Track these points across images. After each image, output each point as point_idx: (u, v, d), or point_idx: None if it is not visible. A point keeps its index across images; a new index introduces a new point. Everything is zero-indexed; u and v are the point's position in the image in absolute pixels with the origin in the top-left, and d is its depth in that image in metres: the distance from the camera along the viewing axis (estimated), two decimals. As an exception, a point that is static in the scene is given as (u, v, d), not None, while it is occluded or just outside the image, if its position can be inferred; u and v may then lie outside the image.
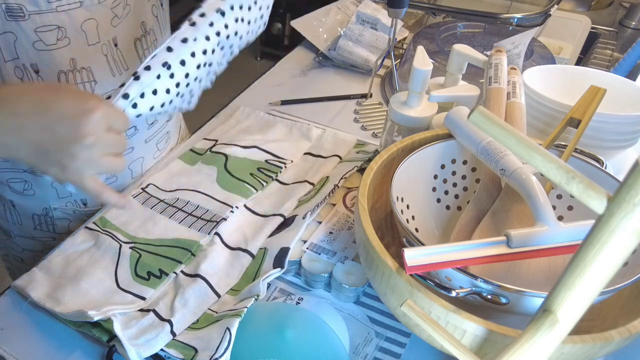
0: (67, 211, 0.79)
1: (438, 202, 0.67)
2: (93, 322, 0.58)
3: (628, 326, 0.47)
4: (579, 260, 0.35)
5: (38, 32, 0.62)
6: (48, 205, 0.78)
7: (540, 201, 0.53)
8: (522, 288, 0.47)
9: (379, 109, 0.99)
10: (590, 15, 1.35)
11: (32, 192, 0.76)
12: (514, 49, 0.84)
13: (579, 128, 0.62)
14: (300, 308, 0.62)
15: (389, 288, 0.51)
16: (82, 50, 0.66)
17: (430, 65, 0.71)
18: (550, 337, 0.39)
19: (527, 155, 0.35)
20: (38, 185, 0.76)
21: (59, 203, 0.78)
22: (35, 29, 0.61)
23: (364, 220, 0.55)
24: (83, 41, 0.65)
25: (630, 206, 0.31)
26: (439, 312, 0.47)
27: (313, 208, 0.72)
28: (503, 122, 0.37)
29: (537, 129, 0.78)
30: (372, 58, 1.07)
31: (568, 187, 0.34)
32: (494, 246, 0.49)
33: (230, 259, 0.68)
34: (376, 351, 0.59)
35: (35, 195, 0.77)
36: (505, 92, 0.69)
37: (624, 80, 0.81)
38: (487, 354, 0.47)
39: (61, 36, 0.63)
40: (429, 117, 0.74)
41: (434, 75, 0.80)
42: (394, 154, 0.65)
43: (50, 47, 0.63)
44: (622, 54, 1.11)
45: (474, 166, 0.67)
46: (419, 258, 0.47)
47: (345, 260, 0.66)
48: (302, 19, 1.16)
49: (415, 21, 1.30)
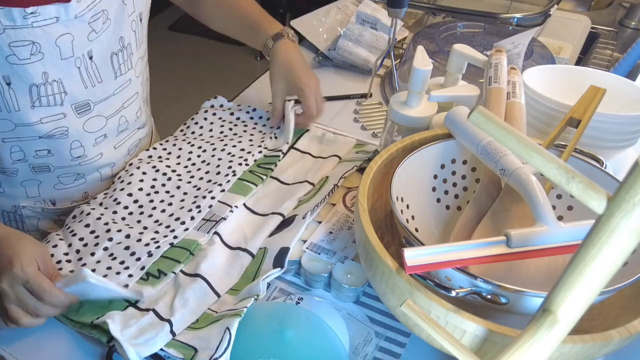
0: (35, 209, 0.80)
1: (438, 202, 0.67)
2: (93, 324, 0.59)
3: (628, 326, 0.47)
4: (579, 260, 0.35)
5: (12, 46, 0.61)
6: (17, 203, 0.79)
7: (540, 201, 0.53)
8: (522, 288, 0.47)
9: (379, 109, 0.99)
10: (590, 15, 1.35)
11: (1, 189, 0.77)
12: (514, 49, 0.84)
13: (578, 128, 0.62)
14: (300, 308, 0.62)
15: (389, 288, 0.51)
16: (55, 63, 0.66)
17: (430, 65, 0.71)
18: (550, 337, 0.39)
19: (527, 155, 0.35)
20: (7, 183, 0.76)
21: (27, 202, 0.79)
22: (9, 43, 0.61)
23: (363, 220, 0.55)
24: (57, 55, 0.65)
25: (630, 206, 0.31)
26: (438, 312, 0.47)
27: (313, 208, 0.72)
28: (503, 122, 0.37)
29: (537, 129, 0.78)
30: (372, 58, 1.07)
31: (568, 187, 0.34)
32: (494, 246, 0.49)
33: (230, 258, 0.68)
34: (376, 351, 0.59)
35: (4, 193, 0.78)
36: (505, 92, 0.69)
37: (624, 80, 0.81)
38: (487, 354, 0.47)
39: (35, 51, 0.63)
40: (428, 117, 0.74)
41: (434, 75, 0.80)
42: (394, 154, 0.65)
43: (24, 61, 0.63)
44: (622, 54, 1.11)
45: (474, 166, 0.67)
46: (419, 258, 0.47)
47: (345, 260, 0.66)
48: (302, 18, 1.16)
49: (415, 21, 1.30)
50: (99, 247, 0.66)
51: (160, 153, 0.83)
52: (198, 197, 0.74)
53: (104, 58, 0.71)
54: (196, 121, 0.91)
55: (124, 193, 0.75)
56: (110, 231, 0.68)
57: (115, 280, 0.62)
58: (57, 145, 0.73)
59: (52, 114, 0.69)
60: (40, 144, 0.72)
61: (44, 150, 0.73)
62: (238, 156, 0.82)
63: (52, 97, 0.68)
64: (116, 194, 0.75)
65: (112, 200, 0.74)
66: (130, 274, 0.63)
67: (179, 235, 0.69)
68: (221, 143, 0.84)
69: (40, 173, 0.76)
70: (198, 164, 0.81)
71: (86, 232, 0.69)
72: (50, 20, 0.62)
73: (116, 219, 0.71)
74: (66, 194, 0.80)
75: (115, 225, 0.69)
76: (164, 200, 0.74)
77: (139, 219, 0.72)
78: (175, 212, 0.72)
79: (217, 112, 0.92)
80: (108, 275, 0.63)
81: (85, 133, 0.74)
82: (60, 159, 0.75)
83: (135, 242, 0.67)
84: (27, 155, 0.73)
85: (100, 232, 0.68)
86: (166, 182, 0.77)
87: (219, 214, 0.72)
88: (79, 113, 0.72)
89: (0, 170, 0.74)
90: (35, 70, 0.64)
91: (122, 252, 0.66)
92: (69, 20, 0.64)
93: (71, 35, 0.65)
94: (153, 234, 0.69)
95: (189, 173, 0.79)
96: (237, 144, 0.84)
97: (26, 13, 0.60)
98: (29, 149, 0.72)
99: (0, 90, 0.64)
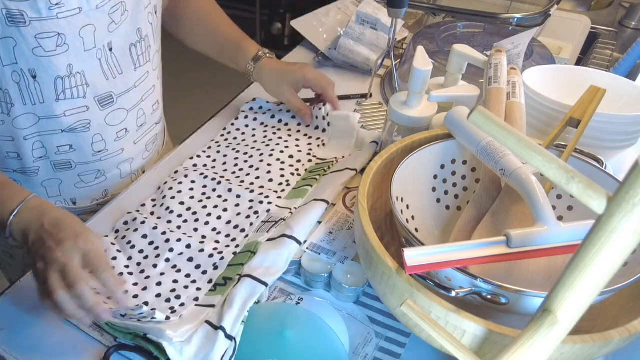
0: None
1: (438, 202, 0.67)
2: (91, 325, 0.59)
3: (628, 326, 0.47)
4: (579, 260, 0.35)
5: (38, 38, 0.62)
6: None
7: (540, 201, 0.53)
8: (522, 288, 0.47)
9: (379, 109, 0.99)
10: (590, 15, 1.35)
11: None
12: (514, 49, 0.84)
13: (579, 128, 0.62)
14: (300, 308, 0.62)
15: (389, 288, 0.51)
16: (79, 55, 0.66)
17: (430, 65, 0.71)
18: (550, 337, 0.39)
19: (527, 155, 0.35)
20: (28, 184, 0.76)
21: None
22: (35, 35, 0.62)
23: (364, 220, 0.55)
24: (80, 47, 0.66)
25: (630, 206, 0.31)
26: (439, 312, 0.47)
27: None
28: (503, 122, 0.37)
29: (537, 129, 0.78)
30: (373, 57, 1.07)
31: (568, 187, 0.34)
32: (494, 246, 0.49)
33: (273, 249, 0.66)
34: (376, 351, 0.59)
35: None
36: (505, 92, 0.69)
37: (624, 80, 0.81)
38: (487, 354, 0.47)
39: (61, 42, 0.64)
40: (429, 117, 0.74)
41: (434, 75, 0.80)
42: (394, 154, 0.65)
43: (50, 53, 0.64)
44: (622, 54, 1.11)
45: (474, 166, 0.67)
46: (419, 258, 0.47)
47: (345, 260, 0.66)
48: (302, 19, 1.16)
49: (415, 21, 1.30)
50: (161, 259, 0.66)
51: (204, 161, 0.83)
52: (254, 201, 0.74)
53: (122, 49, 0.71)
54: (237, 127, 0.90)
55: (175, 201, 0.74)
56: (170, 241, 0.68)
57: (185, 294, 0.62)
58: (79, 139, 0.74)
59: (76, 107, 0.70)
60: (63, 139, 0.73)
61: (65, 145, 0.74)
62: (288, 164, 0.82)
63: (76, 89, 0.69)
64: (167, 202, 0.74)
65: (164, 209, 0.74)
66: (199, 287, 0.63)
67: (241, 243, 0.69)
68: (267, 148, 0.84)
69: (62, 171, 0.76)
70: (246, 169, 0.81)
71: (144, 243, 0.68)
72: (74, 11, 0.63)
73: (172, 228, 0.71)
74: (87, 193, 0.80)
75: (173, 235, 0.69)
76: (217, 206, 0.74)
77: (195, 227, 0.71)
78: (233, 219, 0.72)
79: (258, 117, 0.92)
80: (176, 289, 0.63)
81: (107, 126, 0.75)
82: (82, 154, 0.76)
83: (198, 252, 0.67)
84: (49, 151, 0.73)
85: (159, 243, 0.68)
86: (217, 186, 0.77)
87: (277, 215, 0.72)
88: (102, 105, 0.73)
89: (21, 170, 0.75)
90: (60, 62, 0.65)
91: (186, 264, 0.66)
92: (90, 10, 0.64)
93: (93, 27, 0.66)
94: (214, 243, 0.69)
95: (237, 179, 0.79)
96: (284, 149, 0.84)
97: (51, 4, 0.61)
98: (51, 145, 0.73)
99: (25, 83, 0.65)
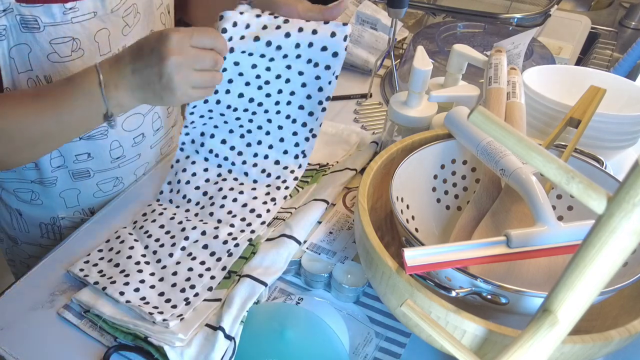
0: (74, 220, 0.79)
1: (438, 202, 0.67)
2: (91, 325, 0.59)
3: (628, 326, 0.47)
4: (579, 260, 0.35)
5: (53, 44, 0.61)
6: (56, 214, 0.78)
7: (540, 201, 0.53)
8: (522, 288, 0.47)
9: (379, 109, 0.99)
10: (590, 15, 1.35)
11: (39, 202, 0.76)
12: (514, 49, 0.84)
13: (579, 128, 0.62)
14: (300, 308, 0.62)
15: (389, 288, 0.51)
16: (94, 60, 0.65)
17: (430, 65, 0.71)
18: (550, 337, 0.39)
19: (527, 155, 0.35)
20: (46, 195, 0.76)
21: (66, 212, 0.78)
22: (50, 41, 0.61)
23: (363, 220, 0.55)
24: (96, 51, 0.65)
25: (630, 206, 0.31)
26: (439, 312, 0.47)
27: None
28: (503, 122, 0.37)
29: (537, 129, 0.78)
30: (372, 59, 1.07)
31: (568, 187, 0.34)
32: (494, 246, 0.49)
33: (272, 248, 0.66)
34: (376, 351, 0.59)
35: (42, 204, 0.77)
36: (505, 92, 0.69)
37: (624, 80, 0.81)
38: (487, 354, 0.47)
39: (76, 47, 0.63)
40: (429, 117, 0.74)
41: (434, 75, 0.80)
42: (394, 154, 0.65)
43: (65, 59, 0.63)
44: (622, 54, 1.11)
45: (474, 166, 0.67)
46: (419, 258, 0.47)
47: (345, 260, 0.66)
48: (302, 19, 1.16)
49: (415, 21, 1.31)
50: (177, 248, 0.66)
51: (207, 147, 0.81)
52: (271, 186, 0.74)
53: None
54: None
55: (190, 187, 0.74)
56: (186, 230, 0.68)
57: (199, 283, 0.62)
58: (97, 147, 0.73)
59: None
60: (81, 147, 0.72)
61: (84, 154, 0.73)
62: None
63: None
64: (183, 189, 0.74)
65: (181, 197, 0.73)
66: (213, 276, 0.63)
67: (257, 229, 0.68)
68: None
69: (80, 180, 0.75)
70: None
71: (161, 232, 0.68)
72: (88, 15, 0.62)
73: (189, 216, 0.71)
74: (105, 202, 0.79)
75: (189, 223, 0.69)
76: (233, 188, 0.73)
77: (211, 211, 0.71)
78: (249, 202, 0.71)
79: None
80: (191, 277, 0.62)
81: (124, 132, 0.74)
82: (100, 162, 0.75)
83: (212, 239, 0.66)
84: (67, 160, 0.72)
85: (175, 232, 0.68)
86: (231, 167, 0.76)
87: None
88: None
89: (38, 181, 0.74)
90: (76, 67, 0.64)
91: (201, 251, 0.65)
92: (105, 14, 0.64)
93: (108, 31, 0.65)
94: (229, 227, 0.68)
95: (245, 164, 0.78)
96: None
97: (65, 9, 0.60)
98: (69, 153, 0.72)
99: None
